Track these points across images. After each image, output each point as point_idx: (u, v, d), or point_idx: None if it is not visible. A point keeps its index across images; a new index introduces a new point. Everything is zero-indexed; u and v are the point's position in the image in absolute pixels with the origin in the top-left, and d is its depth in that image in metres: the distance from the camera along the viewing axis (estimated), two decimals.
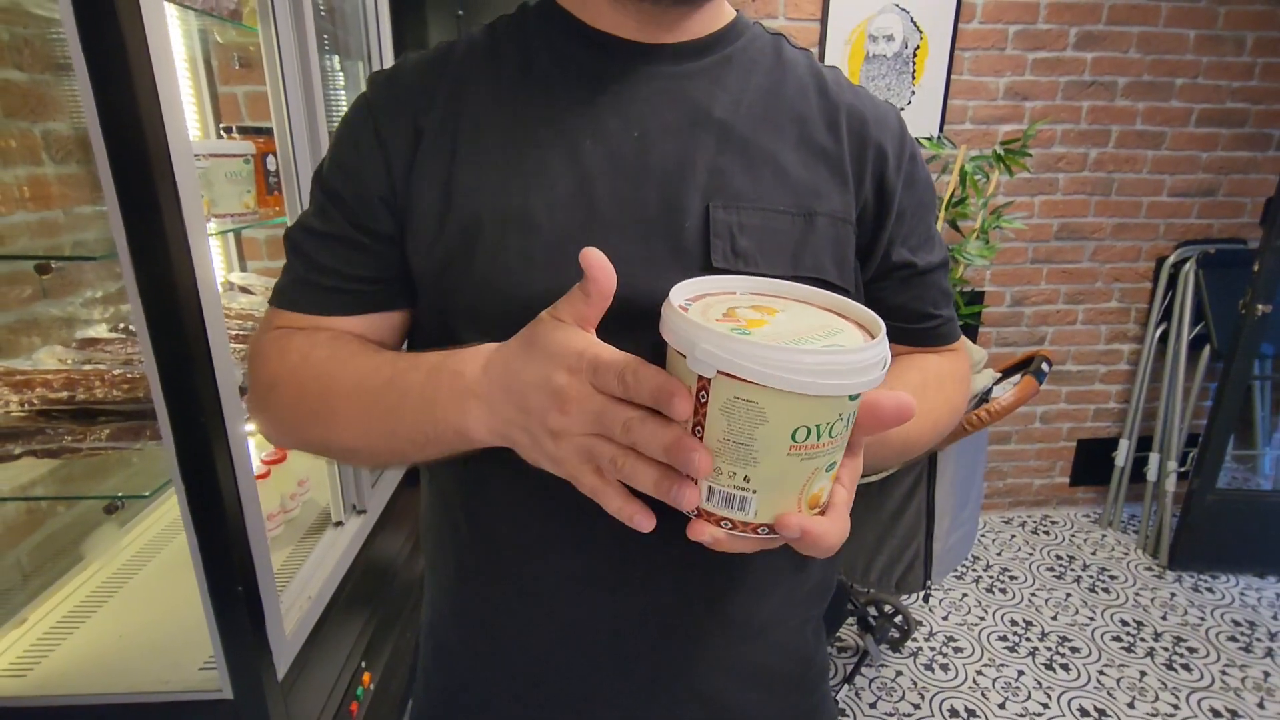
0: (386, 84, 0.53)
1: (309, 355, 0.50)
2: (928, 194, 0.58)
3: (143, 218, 0.71)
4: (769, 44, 0.56)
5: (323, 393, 0.49)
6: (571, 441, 0.38)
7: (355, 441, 0.49)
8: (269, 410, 0.53)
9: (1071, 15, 2.17)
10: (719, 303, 0.39)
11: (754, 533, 0.36)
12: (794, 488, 0.35)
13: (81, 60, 0.66)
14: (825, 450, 0.34)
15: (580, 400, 0.37)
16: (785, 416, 0.32)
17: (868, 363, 0.33)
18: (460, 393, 0.42)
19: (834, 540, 0.37)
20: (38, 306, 1.13)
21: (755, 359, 0.31)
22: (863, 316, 0.39)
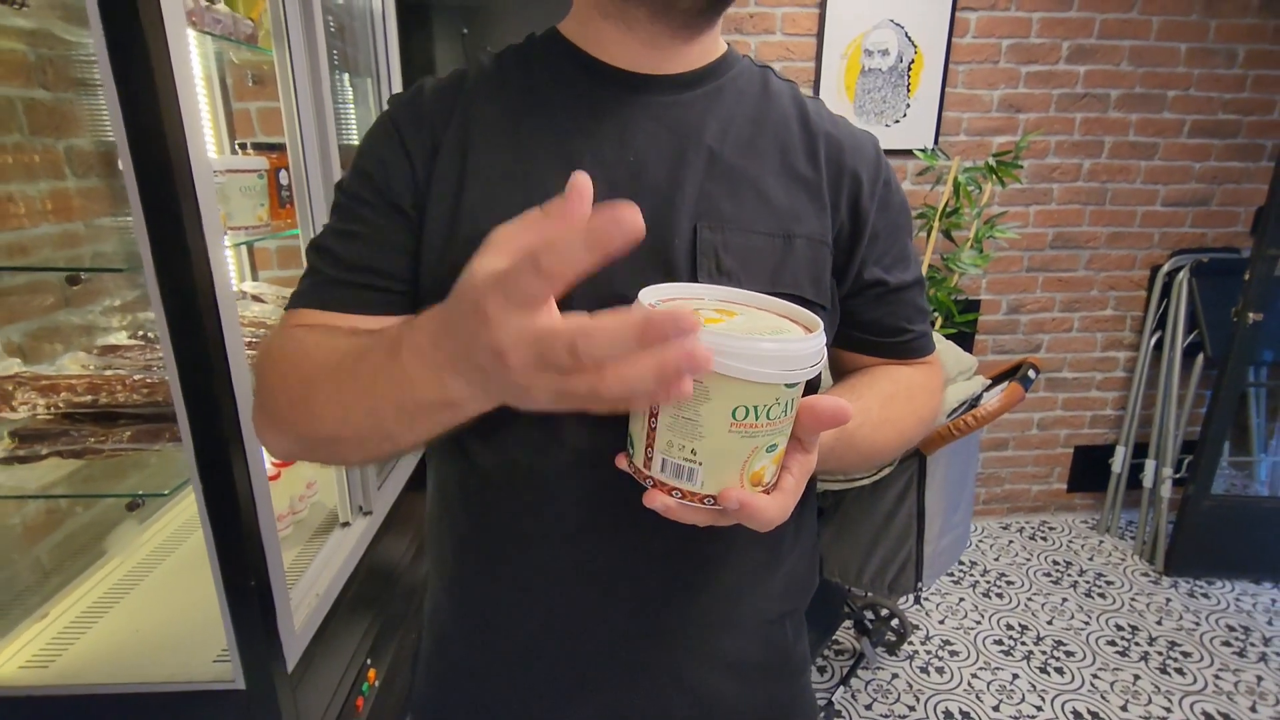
0: (409, 103, 0.57)
1: (301, 342, 0.50)
2: (902, 217, 0.62)
3: (166, 232, 0.76)
4: (757, 76, 0.61)
5: (304, 377, 0.48)
6: (541, 390, 0.33)
7: (337, 426, 0.46)
8: (264, 408, 0.52)
9: (1063, 29, 2.21)
10: (686, 305, 0.44)
11: (701, 503, 0.40)
12: (736, 463, 0.39)
13: (112, 85, 0.71)
14: (764, 431, 0.39)
15: (516, 348, 0.32)
16: (725, 397, 0.37)
17: (798, 354, 0.37)
18: (425, 367, 0.39)
19: (771, 516, 0.41)
20: (59, 315, 1.18)
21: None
22: (808, 320, 0.43)
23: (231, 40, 1.02)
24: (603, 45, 0.56)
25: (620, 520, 0.53)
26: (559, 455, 0.53)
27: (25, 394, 0.92)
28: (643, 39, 0.55)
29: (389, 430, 0.43)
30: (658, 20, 0.53)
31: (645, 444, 0.41)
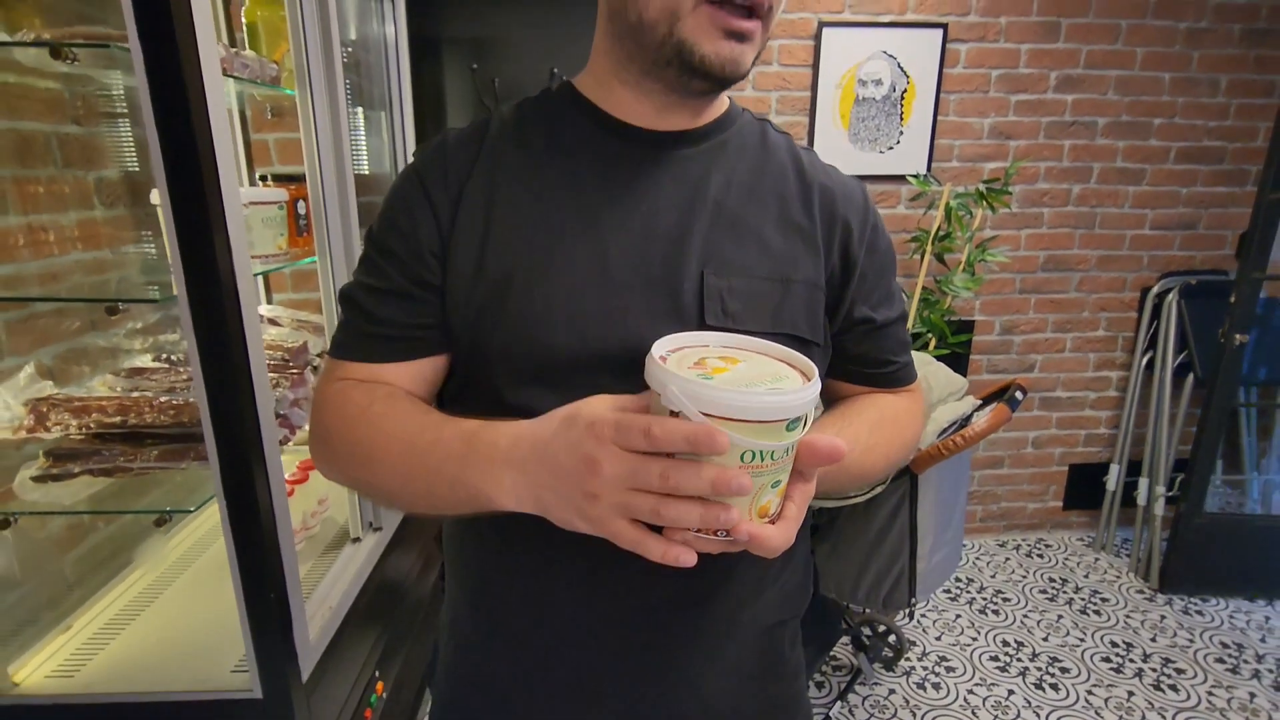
0: (433, 155, 0.62)
1: (367, 410, 0.57)
2: (887, 258, 0.68)
3: (200, 264, 0.81)
4: (756, 130, 0.67)
5: (373, 445, 0.56)
6: (608, 500, 0.43)
7: (396, 490, 0.56)
8: (325, 452, 0.61)
9: (1051, 60, 2.29)
10: (693, 354, 0.49)
11: (715, 535, 0.45)
12: (745, 500, 0.44)
13: (154, 129, 0.76)
14: (769, 470, 0.44)
15: (612, 461, 0.42)
16: (735, 444, 0.42)
17: (797, 403, 0.43)
18: (493, 461, 0.49)
19: (777, 544, 0.46)
20: (87, 338, 1.23)
21: (710, 400, 0.41)
22: (805, 365, 0.48)
23: (258, 84, 1.09)
24: (618, 104, 0.62)
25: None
26: None
27: (59, 415, 0.98)
28: (656, 105, 0.61)
29: (436, 504, 0.54)
30: (671, 94, 0.59)
31: None
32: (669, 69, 0.56)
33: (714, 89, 0.59)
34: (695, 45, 0.54)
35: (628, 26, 0.56)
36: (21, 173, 1.09)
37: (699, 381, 0.42)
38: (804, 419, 0.44)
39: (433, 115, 2.09)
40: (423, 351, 0.61)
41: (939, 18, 2.21)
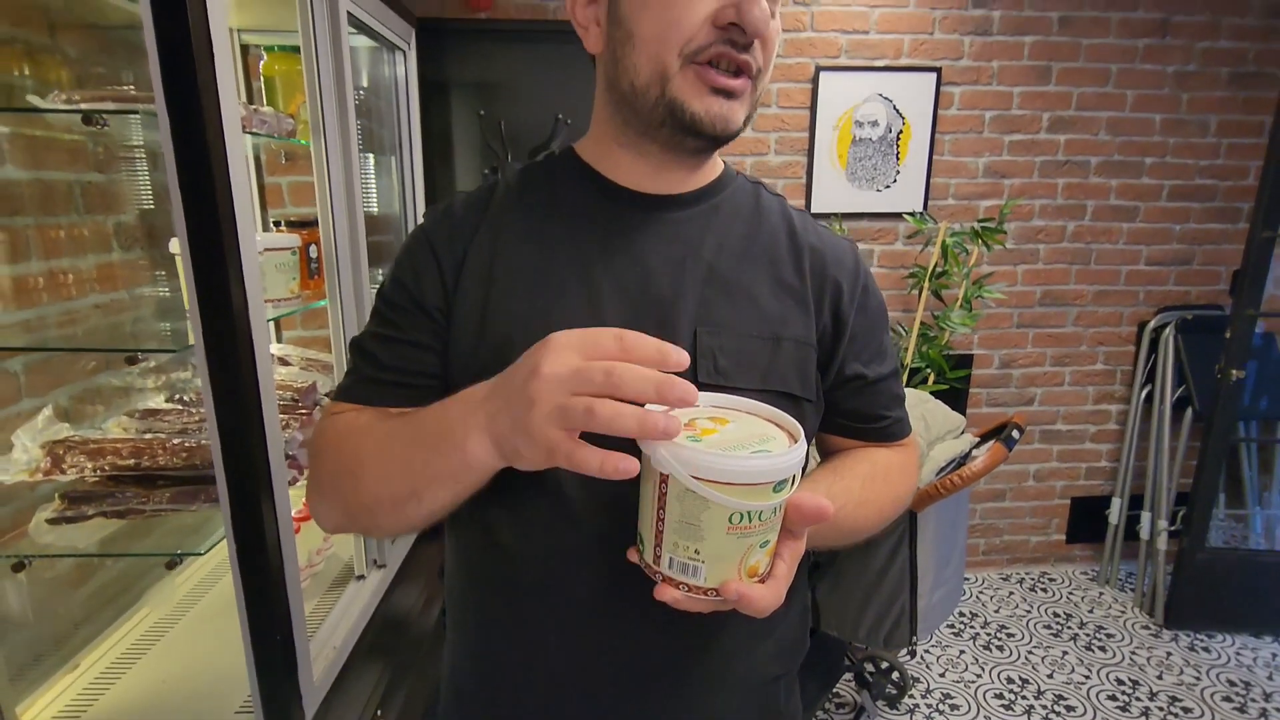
0: (441, 217, 0.66)
1: (352, 423, 0.60)
2: (878, 316, 0.71)
3: (217, 314, 0.84)
4: (750, 193, 0.69)
5: (356, 450, 0.57)
6: (545, 406, 0.42)
7: (378, 487, 0.54)
8: (318, 484, 0.61)
9: (1043, 102, 2.34)
10: (684, 414, 0.51)
11: (705, 595, 0.47)
12: (734, 560, 0.46)
13: (176, 185, 0.79)
14: (758, 531, 0.46)
15: (555, 365, 0.42)
16: (723, 506, 0.44)
17: (782, 466, 0.44)
18: (466, 407, 0.49)
19: (767, 604, 0.47)
20: (101, 378, 1.26)
21: (698, 464, 0.43)
22: (792, 427, 0.50)
23: (276, 138, 1.13)
24: (617, 169, 0.65)
25: (629, 595, 0.59)
26: (577, 538, 0.60)
27: (75, 458, 1.00)
28: (653, 165, 0.63)
29: (416, 487, 0.52)
30: (668, 153, 0.62)
31: (654, 543, 0.48)
32: (663, 129, 0.59)
33: (708, 146, 0.61)
34: (685, 104, 0.56)
35: (622, 94, 0.60)
36: (44, 220, 1.13)
37: (688, 446, 0.44)
38: (791, 480, 0.46)
39: (441, 157, 2.14)
40: (422, 399, 0.62)
41: (933, 62, 2.28)
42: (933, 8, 2.25)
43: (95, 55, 1.23)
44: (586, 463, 0.42)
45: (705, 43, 0.55)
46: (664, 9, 0.54)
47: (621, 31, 0.58)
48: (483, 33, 2.12)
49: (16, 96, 1.07)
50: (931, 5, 2.25)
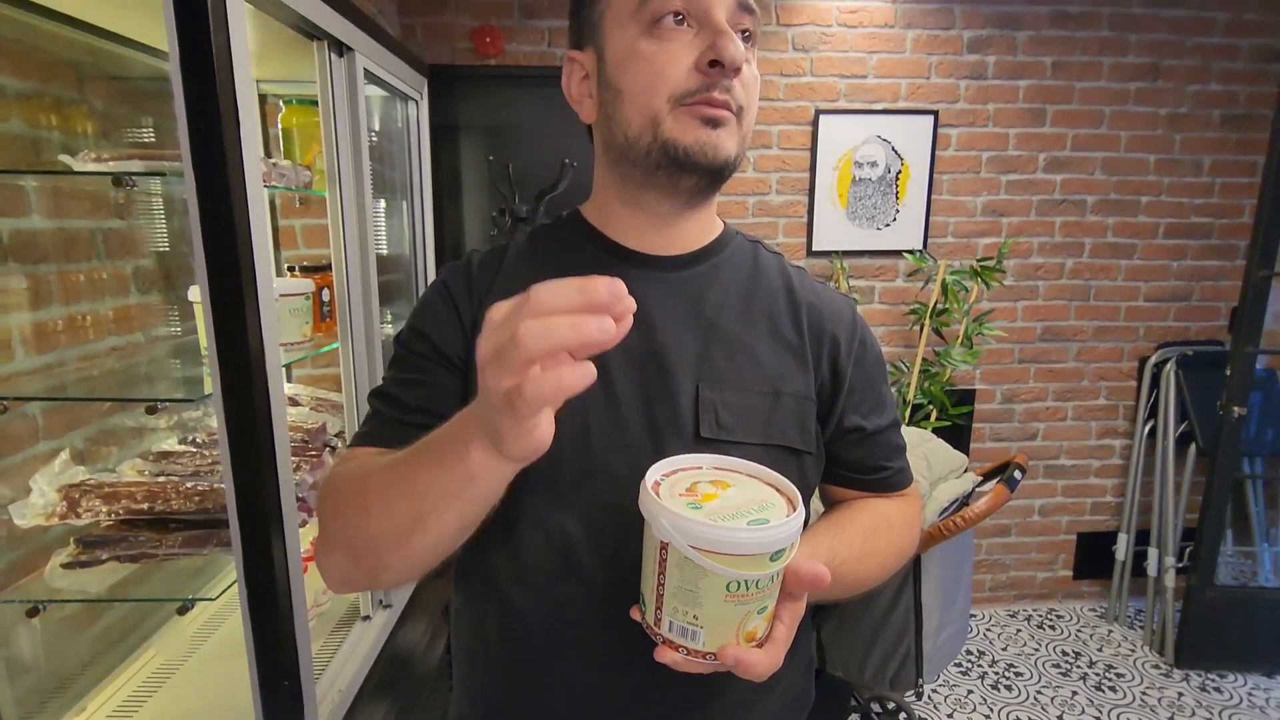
0: (459, 272, 0.68)
1: (364, 462, 0.58)
2: (876, 369, 0.72)
3: (235, 363, 0.86)
4: (749, 252, 0.72)
5: (363, 485, 0.55)
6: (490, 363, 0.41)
7: (383, 520, 0.52)
8: (323, 524, 0.59)
9: (1038, 143, 2.40)
10: (686, 477, 0.53)
11: (703, 659, 0.48)
12: (732, 625, 0.47)
13: (199, 239, 0.82)
14: (755, 598, 0.47)
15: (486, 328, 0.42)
16: (720, 575, 0.45)
17: (778, 537, 0.46)
18: (459, 427, 0.48)
19: (764, 669, 0.48)
20: (114, 419, 1.29)
21: (696, 534, 0.45)
22: (791, 492, 0.52)
23: (294, 189, 1.17)
24: (621, 230, 0.68)
25: (633, 651, 0.60)
26: (582, 593, 0.61)
27: (90, 501, 1.02)
28: (655, 218, 0.66)
29: (422, 511, 0.49)
30: (664, 200, 0.65)
31: (655, 605, 0.49)
32: (659, 172, 0.61)
33: (703, 183, 0.63)
34: (677, 140, 0.59)
35: (619, 149, 0.63)
36: (65, 266, 1.16)
37: (686, 517, 0.46)
38: (789, 548, 0.48)
39: (450, 198, 2.19)
40: None
41: (930, 105, 2.33)
42: (928, 53, 2.31)
43: (118, 106, 1.28)
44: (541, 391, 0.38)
45: (692, 87, 0.58)
46: (648, 62, 0.58)
47: (611, 93, 0.61)
48: (492, 78, 2.19)
49: (45, 149, 1.12)
50: (927, 51, 2.31)
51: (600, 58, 0.62)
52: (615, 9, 0.60)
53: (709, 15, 0.58)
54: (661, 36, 0.58)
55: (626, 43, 0.59)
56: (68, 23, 1.09)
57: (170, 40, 0.77)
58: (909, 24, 2.29)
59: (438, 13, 2.15)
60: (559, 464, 0.61)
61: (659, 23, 0.58)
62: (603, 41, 0.61)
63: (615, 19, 0.60)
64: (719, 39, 0.57)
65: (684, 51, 0.58)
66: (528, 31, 2.18)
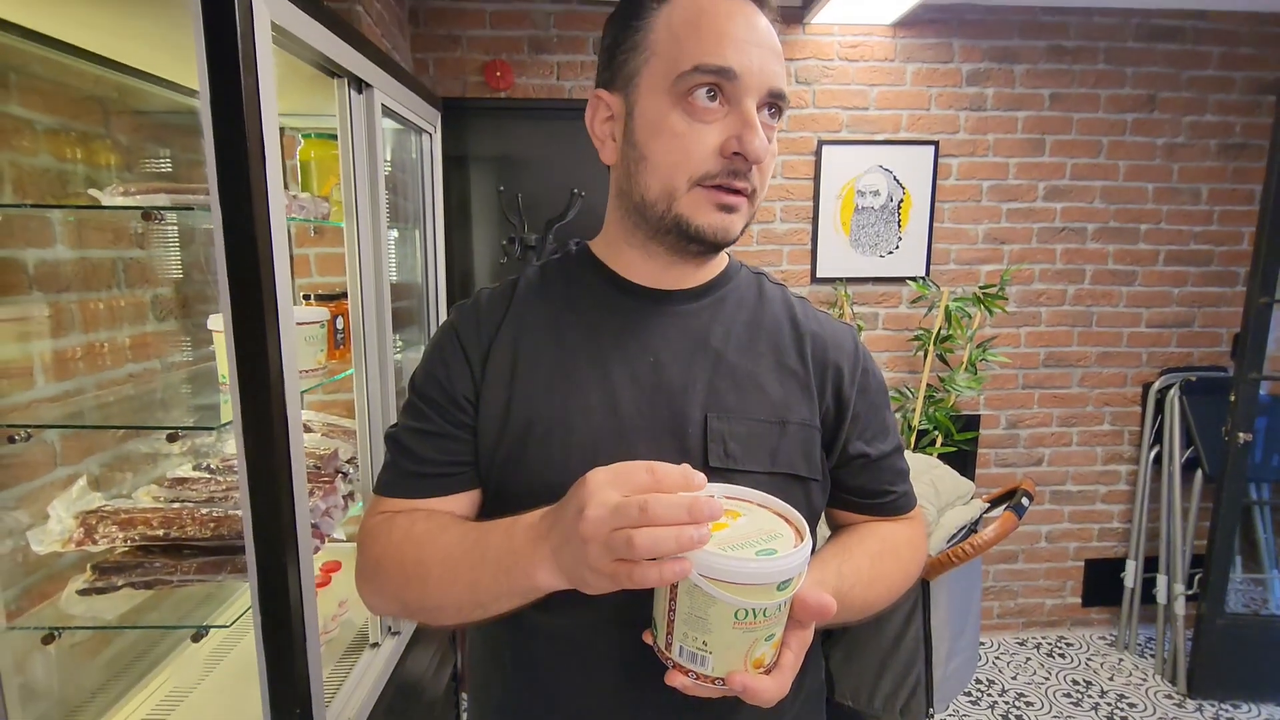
0: (469, 312, 0.70)
1: (410, 531, 0.62)
2: (879, 396, 0.74)
3: (256, 393, 0.88)
4: (753, 284, 0.74)
5: (419, 559, 0.60)
6: (595, 545, 0.46)
7: (444, 598, 0.59)
8: (375, 581, 0.65)
9: (1038, 172, 2.43)
10: None
11: (712, 684, 0.49)
12: (740, 652, 0.49)
13: (224, 269, 0.84)
14: (762, 626, 0.48)
15: (596, 507, 0.47)
16: (728, 603, 0.47)
17: (786, 567, 0.47)
18: (529, 540, 0.53)
19: (771, 695, 0.49)
20: (128, 445, 1.30)
21: (705, 564, 0.46)
22: (799, 523, 0.53)
23: (313, 221, 1.20)
24: (628, 266, 0.70)
25: (648, 674, 0.62)
26: (596, 619, 0.62)
27: (106, 528, 1.03)
28: (661, 264, 0.68)
29: (483, 601, 0.57)
30: (674, 254, 0.67)
31: (666, 631, 0.51)
32: (669, 236, 0.64)
33: (709, 251, 0.66)
34: (690, 219, 0.62)
35: (634, 203, 0.65)
36: (86, 295, 1.18)
37: None
38: (796, 578, 0.49)
39: (460, 227, 2.23)
40: (460, 487, 0.67)
41: (930, 136, 2.38)
42: (928, 86, 2.36)
43: (140, 139, 1.32)
44: (646, 579, 0.46)
45: (712, 170, 0.60)
46: (675, 139, 0.60)
47: (636, 152, 0.63)
48: (502, 110, 2.24)
49: (70, 181, 1.15)
50: (927, 84, 2.36)
51: (629, 111, 0.64)
52: (652, 71, 0.62)
53: (740, 102, 0.60)
54: (692, 114, 0.60)
55: (659, 111, 0.61)
56: (96, 60, 1.13)
57: (201, 81, 0.81)
58: (908, 58, 2.34)
59: (450, 49, 2.21)
60: None
61: (692, 95, 0.59)
62: (634, 97, 0.63)
63: (651, 82, 0.62)
64: (745, 131, 0.59)
65: (712, 134, 0.60)
66: (537, 66, 2.24)
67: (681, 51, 0.60)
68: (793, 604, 0.51)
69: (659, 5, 0.62)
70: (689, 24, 0.60)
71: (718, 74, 0.59)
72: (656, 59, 0.61)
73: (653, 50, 0.62)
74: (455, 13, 2.20)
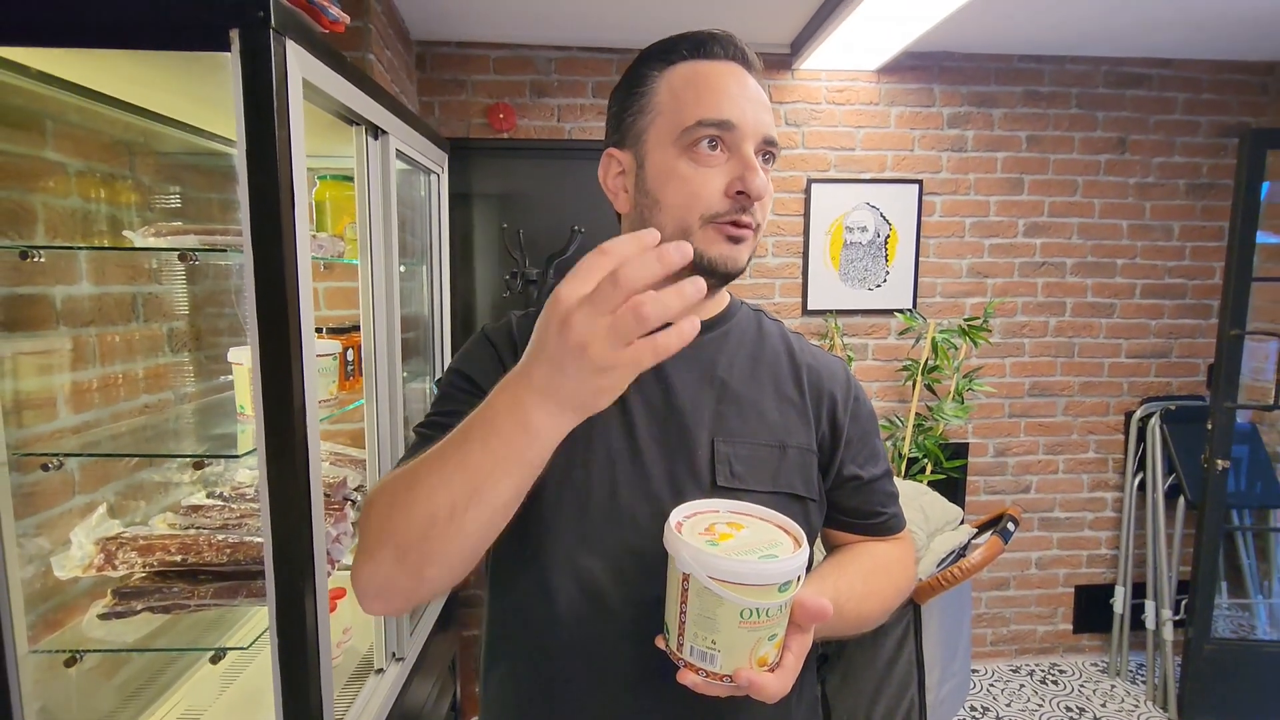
0: (502, 329, 0.76)
1: (404, 463, 0.60)
2: (869, 422, 0.80)
3: (280, 421, 0.93)
4: (753, 320, 0.81)
5: (405, 474, 0.57)
6: (597, 339, 0.45)
7: (434, 499, 0.53)
8: (367, 530, 0.59)
9: (1018, 210, 2.54)
10: (705, 519, 0.60)
11: (720, 681, 0.54)
12: (746, 650, 0.54)
13: (254, 307, 0.89)
14: (765, 625, 0.54)
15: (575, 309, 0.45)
16: (735, 603, 0.52)
17: (786, 569, 0.53)
18: (511, 391, 0.51)
19: (774, 691, 0.54)
20: (142, 474, 1.34)
21: (713, 566, 0.52)
22: (797, 533, 0.59)
23: (328, 259, 1.26)
24: None
25: (658, 678, 0.65)
26: (612, 633, 0.67)
27: (126, 554, 1.06)
28: None
29: (477, 484, 0.51)
30: None
31: (678, 633, 0.56)
32: (683, 272, 0.70)
33: (719, 283, 0.73)
34: (704, 252, 0.68)
35: None
36: (106, 329, 1.23)
37: (705, 550, 0.53)
38: (795, 580, 0.54)
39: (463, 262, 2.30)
40: None
41: (915, 175, 2.49)
42: (911, 128, 2.48)
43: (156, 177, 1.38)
44: (669, 347, 0.45)
45: (720, 210, 0.68)
46: (685, 183, 0.68)
47: (649, 199, 0.70)
48: (505, 151, 2.33)
49: (94, 220, 1.20)
50: (910, 126, 2.48)
51: (640, 164, 0.71)
52: (659, 128, 0.69)
53: (740, 148, 0.67)
54: (698, 160, 0.67)
55: (668, 161, 0.68)
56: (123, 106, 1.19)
57: (239, 133, 0.87)
58: (892, 102, 2.46)
59: (455, 92, 2.31)
60: (588, 512, 0.67)
61: (696, 146, 0.67)
62: (644, 151, 0.70)
63: (658, 139, 0.69)
64: (747, 173, 0.66)
65: (717, 177, 0.67)
66: (539, 108, 2.34)
67: (684, 109, 0.67)
68: (793, 608, 0.56)
69: (660, 73, 0.70)
70: (689, 85, 0.68)
71: (718, 126, 0.66)
72: (662, 117, 0.69)
73: (658, 110, 0.69)
74: (460, 58, 2.30)
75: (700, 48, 0.70)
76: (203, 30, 0.85)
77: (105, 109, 1.16)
